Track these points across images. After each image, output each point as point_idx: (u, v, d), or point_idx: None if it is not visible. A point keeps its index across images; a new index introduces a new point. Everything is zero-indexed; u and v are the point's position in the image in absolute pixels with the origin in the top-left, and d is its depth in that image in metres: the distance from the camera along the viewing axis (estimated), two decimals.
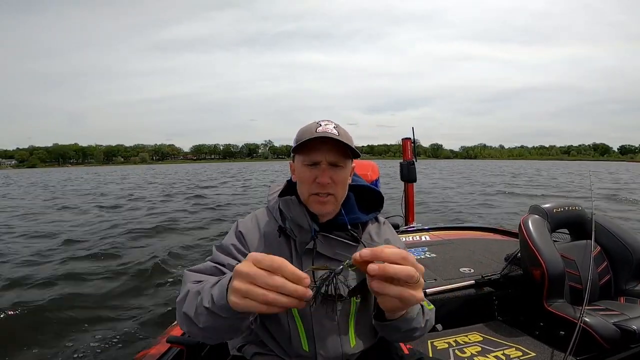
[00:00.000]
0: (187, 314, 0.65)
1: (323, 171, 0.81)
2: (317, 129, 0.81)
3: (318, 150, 0.80)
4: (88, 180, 28.67)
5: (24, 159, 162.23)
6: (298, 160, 0.85)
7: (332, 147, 0.80)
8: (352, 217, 0.89)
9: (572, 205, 1.86)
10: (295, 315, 0.82)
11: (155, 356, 1.25)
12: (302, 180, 0.84)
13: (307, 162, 0.82)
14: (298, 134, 0.85)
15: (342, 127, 0.85)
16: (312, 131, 0.80)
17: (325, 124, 0.83)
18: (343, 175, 0.83)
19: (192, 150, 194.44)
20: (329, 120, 0.85)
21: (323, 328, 0.81)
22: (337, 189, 0.83)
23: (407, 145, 3.16)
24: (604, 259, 1.74)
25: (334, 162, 0.81)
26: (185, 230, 6.63)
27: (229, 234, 0.89)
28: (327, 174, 0.81)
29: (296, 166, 0.86)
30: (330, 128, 0.81)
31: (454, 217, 7.79)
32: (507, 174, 26.53)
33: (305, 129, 0.84)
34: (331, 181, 0.81)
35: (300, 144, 0.80)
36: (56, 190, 18.62)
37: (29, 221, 8.09)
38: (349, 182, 0.88)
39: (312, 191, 0.82)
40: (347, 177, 0.85)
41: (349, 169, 0.86)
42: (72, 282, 3.76)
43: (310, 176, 0.82)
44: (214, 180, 24.12)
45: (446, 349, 1.55)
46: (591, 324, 1.36)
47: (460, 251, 2.43)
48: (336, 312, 0.82)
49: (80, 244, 5.48)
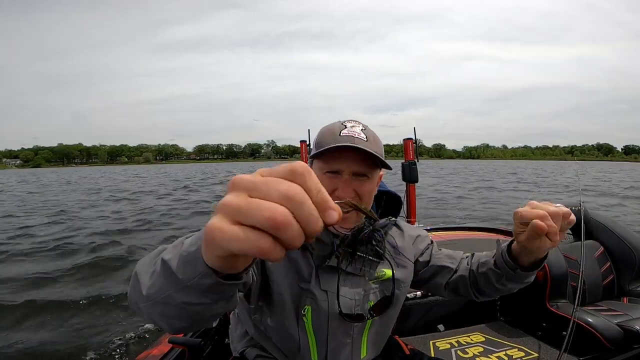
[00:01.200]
0: (138, 273, 0.44)
1: (345, 183, 0.70)
2: (342, 132, 0.70)
3: (340, 158, 0.69)
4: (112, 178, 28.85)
5: (28, 159, 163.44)
6: (317, 166, 0.73)
7: (357, 155, 0.68)
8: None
9: (575, 206, 1.85)
10: (308, 330, 0.76)
11: (157, 357, 1.26)
12: None
13: (327, 170, 0.71)
14: (318, 136, 0.74)
15: (371, 130, 0.73)
16: (336, 134, 0.70)
17: (351, 125, 0.72)
18: (369, 187, 0.73)
19: (195, 150, 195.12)
20: (356, 122, 0.73)
21: (338, 343, 0.77)
22: (361, 203, 0.68)
23: (409, 145, 3.16)
24: (607, 259, 1.73)
25: (359, 172, 0.70)
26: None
27: None
28: (350, 187, 0.69)
29: (314, 172, 0.76)
30: (357, 131, 0.70)
31: (456, 217, 7.77)
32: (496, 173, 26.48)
33: (328, 130, 0.73)
34: (355, 194, 0.70)
35: (323, 152, 0.68)
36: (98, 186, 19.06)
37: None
38: (374, 193, 0.77)
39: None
40: (373, 189, 0.75)
41: (376, 179, 0.75)
42: (74, 279, 3.80)
43: (329, 187, 0.70)
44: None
45: (448, 350, 1.55)
46: (594, 325, 1.35)
47: (462, 251, 2.42)
48: (352, 332, 0.78)
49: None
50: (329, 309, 0.75)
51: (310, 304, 0.75)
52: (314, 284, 0.75)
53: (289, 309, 0.75)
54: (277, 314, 0.75)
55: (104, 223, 7.47)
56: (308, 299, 0.75)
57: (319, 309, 0.75)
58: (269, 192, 0.25)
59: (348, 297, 0.76)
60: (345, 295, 0.76)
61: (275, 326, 0.77)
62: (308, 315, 0.76)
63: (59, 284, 3.78)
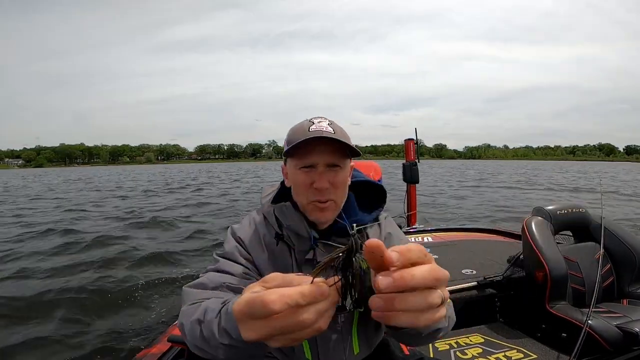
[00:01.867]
0: (198, 346, 0.56)
1: (320, 175, 0.73)
2: (310, 128, 0.72)
3: (313, 152, 0.72)
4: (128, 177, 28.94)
5: (30, 159, 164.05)
6: (291, 163, 0.77)
7: (328, 146, 0.72)
8: (352, 220, 0.80)
9: (575, 207, 1.85)
10: None
11: (156, 355, 1.27)
12: (298, 186, 0.76)
13: (302, 166, 0.74)
14: (289, 135, 0.77)
15: (338, 124, 0.77)
16: (305, 130, 0.72)
17: (318, 121, 0.75)
18: (342, 176, 0.76)
19: (197, 150, 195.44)
20: (323, 117, 0.77)
21: (326, 336, 0.77)
22: (337, 193, 0.75)
23: (410, 146, 3.16)
24: (607, 261, 1.73)
25: (331, 163, 0.73)
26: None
27: (228, 240, 0.81)
28: (325, 178, 0.73)
29: (289, 170, 0.78)
30: (325, 125, 0.73)
31: (456, 218, 7.77)
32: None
33: (297, 128, 0.76)
34: (330, 185, 0.73)
35: (293, 146, 0.71)
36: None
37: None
38: (348, 183, 0.80)
39: (310, 198, 0.74)
40: (346, 179, 0.78)
41: (347, 169, 0.78)
42: (78, 276, 3.82)
43: (306, 181, 0.74)
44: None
45: (447, 351, 1.55)
46: (594, 326, 1.35)
47: (462, 253, 2.42)
48: (339, 322, 0.78)
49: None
50: None
51: None
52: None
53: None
54: None
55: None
56: None
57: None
58: (284, 325, 0.36)
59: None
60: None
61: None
62: None
63: (55, 279, 3.81)
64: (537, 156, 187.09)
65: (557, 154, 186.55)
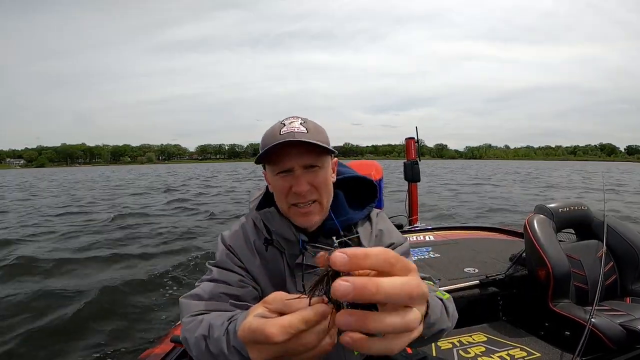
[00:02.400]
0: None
1: (298, 178, 0.69)
2: (282, 131, 0.69)
3: (287, 155, 0.68)
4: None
5: (32, 159, 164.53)
6: (269, 169, 0.73)
7: (302, 147, 0.68)
8: (343, 220, 0.78)
9: (578, 205, 1.84)
10: None
11: (159, 355, 1.27)
12: (277, 192, 0.72)
13: (278, 171, 0.70)
14: (262, 141, 0.73)
15: (312, 121, 0.73)
16: (276, 134, 0.69)
17: (290, 122, 0.71)
18: (323, 176, 0.72)
19: (198, 150, 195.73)
20: (295, 117, 0.73)
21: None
22: (321, 194, 0.72)
23: (411, 145, 3.16)
24: (610, 259, 1.72)
25: (308, 164, 0.69)
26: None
27: (219, 249, 0.79)
28: (304, 180, 0.69)
29: (268, 176, 0.75)
30: (297, 126, 0.69)
31: (458, 216, 7.76)
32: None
33: (268, 133, 0.72)
34: (310, 187, 0.70)
35: (264, 153, 0.68)
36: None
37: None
38: (332, 180, 0.76)
39: (291, 202, 0.71)
40: (328, 177, 0.74)
41: (328, 167, 0.74)
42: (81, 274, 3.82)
43: (284, 186, 0.70)
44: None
45: (450, 349, 1.55)
46: (597, 324, 1.35)
47: (464, 251, 2.42)
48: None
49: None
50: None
51: None
52: (289, 284, 0.76)
53: None
54: None
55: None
56: None
57: None
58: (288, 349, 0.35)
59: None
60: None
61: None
62: None
63: (57, 277, 3.82)
64: (538, 156, 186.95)
65: (558, 154, 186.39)
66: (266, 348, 0.37)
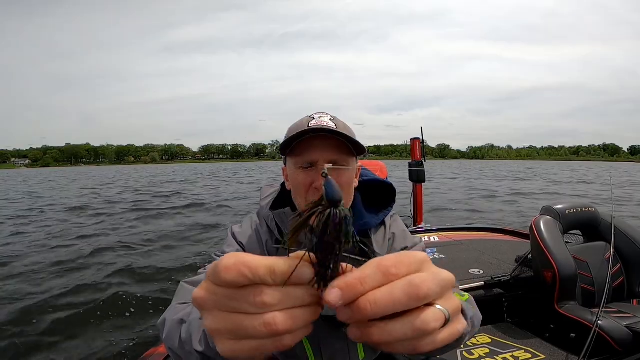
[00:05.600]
0: (172, 349, 0.49)
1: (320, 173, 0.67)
2: (310, 123, 0.66)
3: (313, 148, 0.65)
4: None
5: (37, 159, 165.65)
6: (290, 162, 0.69)
7: (330, 141, 0.65)
8: (359, 224, 0.75)
9: (585, 207, 1.83)
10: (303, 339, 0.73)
11: (162, 355, 1.28)
12: (297, 187, 0.68)
13: (301, 164, 0.67)
14: (287, 132, 0.71)
15: (341, 120, 0.71)
16: (304, 126, 0.66)
17: (319, 116, 0.69)
18: (347, 176, 0.68)
19: (201, 150, 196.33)
20: (324, 112, 0.71)
21: (332, 348, 0.73)
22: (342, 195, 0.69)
23: (416, 145, 3.15)
24: (617, 261, 1.71)
25: (334, 160, 0.66)
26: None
27: (228, 242, 0.76)
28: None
29: (289, 170, 0.71)
30: (326, 120, 0.67)
31: (463, 217, 7.73)
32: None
33: (296, 125, 0.69)
34: None
35: (289, 142, 0.65)
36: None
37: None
38: (355, 185, 0.73)
39: (310, 199, 0.66)
40: (352, 179, 0.71)
41: (353, 169, 0.71)
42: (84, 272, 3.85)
43: (305, 180, 0.66)
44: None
45: (454, 351, 1.55)
46: (603, 327, 1.34)
47: (469, 252, 2.41)
48: (345, 333, 0.75)
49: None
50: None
51: None
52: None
53: None
54: None
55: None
56: None
57: None
58: (242, 308, 0.24)
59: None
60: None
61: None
62: None
63: (63, 278, 3.84)
64: (540, 156, 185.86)
65: (560, 154, 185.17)
66: (219, 315, 0.26)
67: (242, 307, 0.24)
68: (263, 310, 0.24)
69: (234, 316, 0.25)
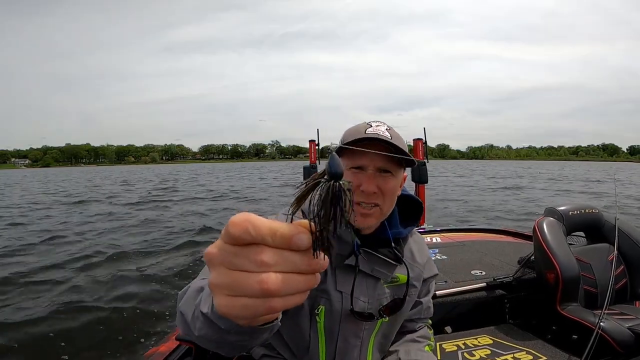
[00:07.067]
0: (184, 313, 0.50)
1: (369, 177, 0.71)
2: (367, 130, 0.72)
3: (365, 153, 0.71)
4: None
5: (37, 159, 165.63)
6: (342, 163, 0.75)
7: (382, 150, 0.70)
8: (394, 232, 0.80)
9: (588, 208, 1.84)
10: (320, 330, 0.78)
11: (164, 354, 1.28)
12: None
13: (351, 166, 0.73)
14: (344, 135, 0.77)
15: (396, 131, 0.76)
16: (361, 132, 0.73)
17: (376, 125, 0.74)
18: (393, 184, 0.73)
19: (201, 150, 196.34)
20: (381, 122, 0.76)
21: (347, 344, 0.79)
22: (385, 200, 0.73)
23: (419, 146, 3.15)
24: (621, 262, 1.71)
25: (383, 167, 0.72)
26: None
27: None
28: (374, 181, 0.71)
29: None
30: (382, 130, 0.73)
31: (466, 218, 7.74)
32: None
33: (353, 129, 0.76)
34: (378, 190, 0.71)
35: (350, 143, 0.71)
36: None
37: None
38: (398, 193, 0.78)
39: (355, 200, 0.71)
40: (396, 188, 0.75)
41: (400, 178, 0.76)
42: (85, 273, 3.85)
43: (353, 182, 0.71)
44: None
45: (455, 352, 1.54)
46: (606, 328, 1.34)
47: (471, 253, 2.41)
48: (362, 331, 0.79)
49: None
50: (342, 309, 0.76)
51: (324, 304, 0.77)
52: (330, 284, 0.76)
53: (304, 308, 0.76)
54: (291, 312, 0.75)
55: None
56: (322, 299, 0.76)
57: (332, 310, 0.77)
58: (242, 265, 0.25)
59: (361, 299, 0.78)
60: (358, 297, 0.77)
61: (288, 324, 0.78)
62: (321, 316, 0.77)
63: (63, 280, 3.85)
64: (540, 156, 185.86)
65: (560, 154, 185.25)
66: (223, 260, 0.26)
67: (244, 265, 0.25)
68: (260, 269, 0.25)
69: (234, 272, 0.26)
